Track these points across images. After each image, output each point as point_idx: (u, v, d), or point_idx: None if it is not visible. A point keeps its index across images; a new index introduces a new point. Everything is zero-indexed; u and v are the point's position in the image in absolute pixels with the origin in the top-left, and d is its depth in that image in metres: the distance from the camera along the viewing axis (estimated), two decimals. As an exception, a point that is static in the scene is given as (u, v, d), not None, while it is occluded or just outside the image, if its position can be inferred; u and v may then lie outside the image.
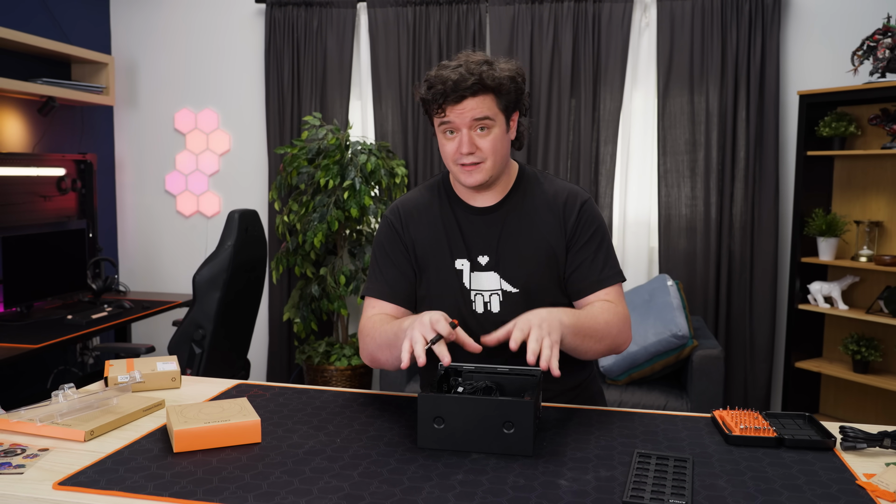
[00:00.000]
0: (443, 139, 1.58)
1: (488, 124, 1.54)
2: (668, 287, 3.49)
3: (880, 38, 3.30)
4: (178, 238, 4.54)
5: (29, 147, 3.80)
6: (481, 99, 1.52)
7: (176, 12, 4.42)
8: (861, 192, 3.61)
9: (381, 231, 1.72)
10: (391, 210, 1.72)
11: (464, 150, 1.54)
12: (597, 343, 1.53)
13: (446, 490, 1.17)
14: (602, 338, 1.54)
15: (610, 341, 1.56)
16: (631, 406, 3.22)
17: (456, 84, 1.50)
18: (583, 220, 1.63)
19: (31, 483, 1.20)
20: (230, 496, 1.15)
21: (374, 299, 1.67)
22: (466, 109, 1.52)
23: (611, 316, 1.56)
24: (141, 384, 1.69)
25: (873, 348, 3.45)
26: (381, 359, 1.58)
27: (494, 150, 1.56)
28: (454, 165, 1.58)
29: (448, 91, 1.50)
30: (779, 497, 1.15)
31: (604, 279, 1.62)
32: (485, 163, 1.56)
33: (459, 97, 1.51)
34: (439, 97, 1.52)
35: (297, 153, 3.88)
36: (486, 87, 1.52)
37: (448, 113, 1.53)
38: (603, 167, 3.97)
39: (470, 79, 1.50)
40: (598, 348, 1.55)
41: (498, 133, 1.56)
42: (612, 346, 1.58)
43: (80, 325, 3.15)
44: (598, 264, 1.63)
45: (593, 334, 1.51)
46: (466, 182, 1.58)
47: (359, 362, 3.92)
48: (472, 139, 1.54)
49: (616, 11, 3.88)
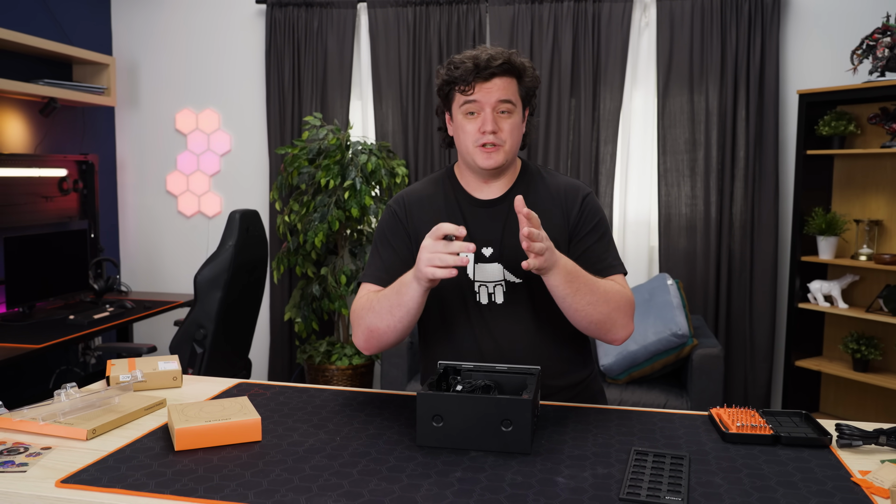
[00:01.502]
0: (463, 121, 1.60)
1: (510, 108, 1.58)
2: (668, 286, 3.50)
3: (879, 37, 3.31)
4: (180, 238, 4.55)
5: (30, 148, 3.81)
6: (508, 81, 1.58)
7: (177, 13, 4.44)
8: (861, 191, 3.61)
9: (383, 219, 1.74)
10: (395, 200, 1.74)
11: (487, 128, 1.56)
12: (590, 304, 1.50)
13: (444, 487, 1.18)
14: (597, 302, 1.51)
15: (606, 311, 1.52)
16: (631, 405, 3.23)
17: (488, 61, 1.55)
18: (585, 212, 1.65)
19: (33, 481, 1.21)
20: (231, 493, 1.16)
21: (371, 284, 1.66)
22: (494, 88, 1.57)
23: (614, 289, 1.56)
24: (142, 383, 1.71)
25: (873, 347, 3.46)
26: (381, 326, 1.54)
27: (513, 134, 1.60)
28: (473, 147, 1.59)
29: (480, 67, 1.55)
30: (774, 494, 1.16)
31: (605, 268, 1.62)
32: (504, 146, 1.59)
33: (490, 74, 1.56)
34: (469, 74, 1.56)
35: (298, 153, 3.89)
36: (514, 68, 1.58)
37: (476, 90, 1.57)
38: (603, 167, 3.98)
39: (500, 58, 1.56)
40: (592, 312, 1.51)
41: (517, 120, 1.61)
42: (607, 319, 1.54)
43: (81, 325, 3.16)
44: (600, 254, 1.63)
45: (589, 293, 1.49)
46: (485, 164, 1.59)
47: (360, 361, 3.94)
48: (496, 119, 1.57)
49: (616, 11, 3.89)
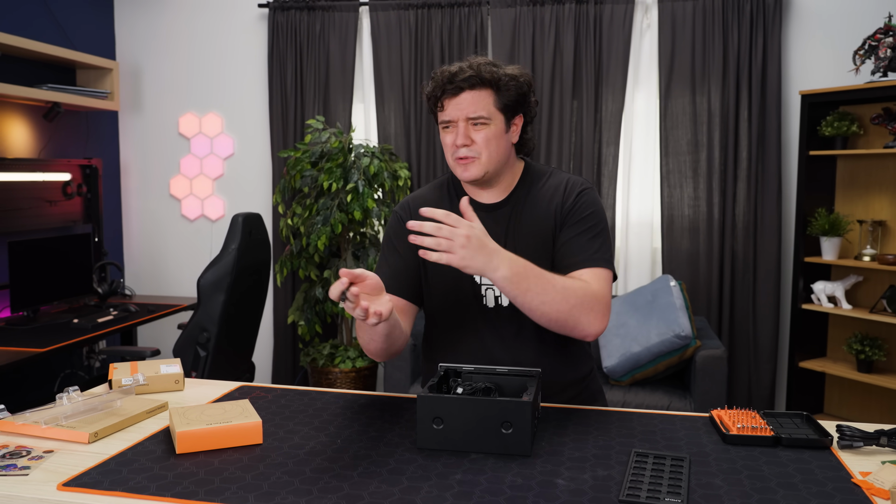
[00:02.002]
0: (442, 133, 1.63)
1: (484, 121, 1.58)
2: (671, 287, 3.49)
3: (882, 38, 3.31)
4: (183, 242, 4.56)
5: (34, 152, 3.83)
6: (478, 94, 1.57)
7: (179, 17, 4.45)
8: (864, 192, 3.61)
9: (390, 225, 1.76)
10: (401, 205, 1.76)
11: (459, 141, 1.57)
12: (544, 304, 1.46)
13: (444, 490, 1.18)
14: (552, 301, 1.46)
15: (564, 310, 1.47)
16: (634, 406, 3.23)
17: (453, 76, 1.56)
18: (578, 205, 1.62)
19: (35, 484, 1.22)
20: (231, 496, 1.16)
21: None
22: (463, 103, 1.56)
23: (574, 287, 1.49)
24: (144, 387, 1.71)
25: (877, 348, 3.45)
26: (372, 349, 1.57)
27: (489, 145, 1.58)
28: (451, 159, 1.62)
29: (445, 82, 1.56)
30: (774, 495, 1.16)
31: (585, 260, 1.57)
32: (479, 158, 1.59)
33: (457, 89, 1.56)
34: (438, 90, 1.58)
35: (301, 156, 3.90)
36: (483, 80, 1.56)
37: (446, 106, 1.58)
38: (605, 168, 3.98)
39: (468, 72, 1.55)
40: (548, 311, 1.47)
41: (494, 130, 1.59)
42: (567, 318, 1.48)
43: (85, 328, 3.17)
44: (584, 245, 1.59)
45: (541, 293, 1.45)
46: (461, 176, 1.62)
47: (363, 364, 3.94)
48: (468, 132, 1.58)
49: (617, 13, 3.89)
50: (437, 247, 1.37)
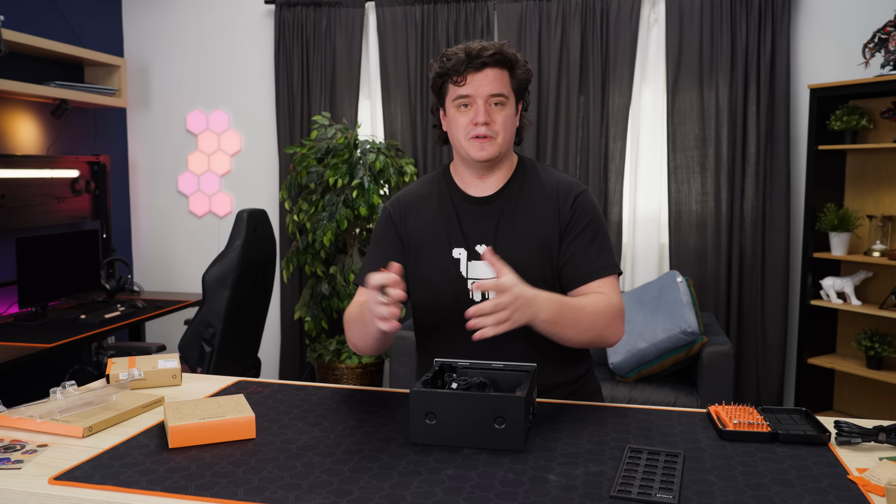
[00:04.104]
0: (456, 113, 1.59)
1: (503, 101, 1.58)
2: (678, 283, 3.47)
3: (892, 30, 3.26)
4: (191, 238, 4.58)
5: (43, 149, 3.85)
6: (500, 72, 1.57)
7: (187, 14, 4.47)
8: (874, 187, 3.56)
9: (379, 222, 1.76)
10: (391, 202, 1.75)
11: (479, 119, 1.55)
12: (579, 333, 1.51)
13: (434, 485, 1.18)
14: (587, 329, 1.51)
15: (596, 332, 1.54)
16: (640, 403, 3.21)
17: (479, 52, 1.55)
18: (577, 211, 1.62)
19: (27, 478, 1.22)
20: (221, 490, 1.16)
21: (362, 288, 1.70)
22: (486, 80, 1.55)
23: (601, 308, 1.54)
24: (142, 381, 1.72)
25: (887, 344, 3.41)
26: (360, 345, 1.62)
27: (506, 125, 1.59)
28: (465, 140, 1.58)
29: (472, 56, 1.54)
30: (768, 492, 1.15)
31: (596, 270, 1.61)
32: (496, 138, 1.58)
33: (482, 64, 1.55)
34: (461, 65, 1.55)
35: (307, 153, 3.90)
36: (505, 59, 1.57)
37: (468, 82, 1.56)
38: (612, 164, 3.95)
39: (492, 48, 1.55)
40: (582, 338, 1.53)
41: (510, 112, 1.60)
42: (598, 338, 1.56)
43: (93, 324, 3.19)
44: (592, 255, 1.61)
45: (576, 325, 1.50)
46: (477, 156, 1.58)
47: (369, 360, 3.94)
48: (489, 111, 1.57)
49: (624, 7, 3.86)
50: (498, 323, 1.36)
